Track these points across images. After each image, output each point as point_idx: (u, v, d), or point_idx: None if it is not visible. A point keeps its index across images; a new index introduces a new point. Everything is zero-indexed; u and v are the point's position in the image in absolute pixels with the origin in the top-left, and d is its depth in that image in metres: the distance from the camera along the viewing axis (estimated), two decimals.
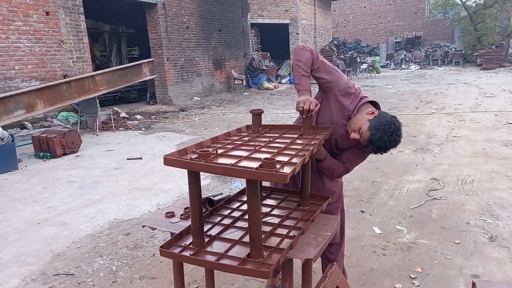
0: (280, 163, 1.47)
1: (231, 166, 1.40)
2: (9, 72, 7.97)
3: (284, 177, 1.31)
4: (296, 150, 1.66)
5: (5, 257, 3.24)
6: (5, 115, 6.68)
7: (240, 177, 1.76)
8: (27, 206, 4.35)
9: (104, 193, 4.67)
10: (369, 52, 26.75)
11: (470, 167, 5.01)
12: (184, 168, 1.56)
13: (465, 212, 3.70)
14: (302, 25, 19.25)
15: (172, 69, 12.46)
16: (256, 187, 1.43)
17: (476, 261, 2.86)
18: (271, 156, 1.50)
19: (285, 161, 1.49)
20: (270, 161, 1.37)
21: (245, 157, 1.54)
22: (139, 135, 8.21)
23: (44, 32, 8.58)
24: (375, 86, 15.31)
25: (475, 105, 9.76)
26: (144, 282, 2.80)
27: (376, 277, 2.72)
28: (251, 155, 1.57)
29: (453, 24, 25.51)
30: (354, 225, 3.53)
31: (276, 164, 1.38)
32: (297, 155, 1.58)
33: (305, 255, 1.49)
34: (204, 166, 1.44)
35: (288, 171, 1.35)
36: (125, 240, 3.46)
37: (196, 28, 13.54)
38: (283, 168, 1.42)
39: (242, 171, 1.39)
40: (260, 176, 1.36)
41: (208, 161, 1.46)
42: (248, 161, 1.50)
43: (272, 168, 1.35)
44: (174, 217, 1.91)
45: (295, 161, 1.49)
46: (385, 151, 1.95)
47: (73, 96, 7.75)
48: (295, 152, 1.62)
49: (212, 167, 1.42)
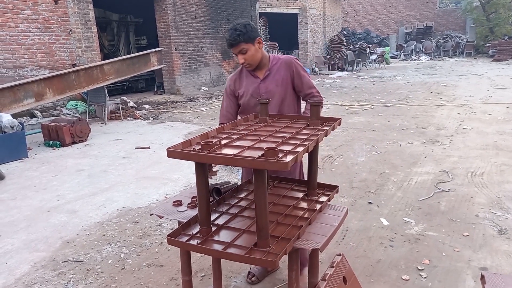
0: (283, 152, 1.47)
1: (233, 156, 1.41)
2: (19, 61, 8.02)
3: (285, 165, 1.30)
4: (301, 140, 1.65)
5: (16, 243, 3.29)
6: (15, 104, 6.75)
7: (242, 166, 1.77)
8: (37, 194, 4.41)
9: (112, 182, 4.71)
10: (379, 42, 26.41)
11: (480, 159, 4.95)
12: (188, 160, 1.57)
13: (474, 204, 3.67)
14: (311, 14, 19.03)
15: (180, 59, 12.43)
16: (264, 177, 1.42)
17: (484, 254, 2.83)
18: (275, 146, 1.49)
19: (288, 150, 1.49)
20: (272, 150, 1.36)
21: (249, 147, 1.54)
22: (147, 124, 8.24)
23: (52, 21, 8.59)
24: (384, 77, 15.15)
25: (486, 96, 9.61)
26: (152, 269, 2.83)
27: (383, 269, 2.71)
28: (255, 145, 1.57)
29: (465, 14, 25.02)
30: (362, 216, 3.52)
31: (278, 153, 1.37)
32: (302, 145, 1.57)
33: (312, 245, 1.49)
34: (206, 156, 1.45)
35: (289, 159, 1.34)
36: (133, 228, 3.49)
37: (204, 18, 13.47)
38: (286, 157, 1.42)
39: (244, 160, 1.40)
40: (261, 165, 1.35)
41: (211, 151, 1.46)
42: (252, 151, 1.51)
43: (274, 157, 1.35)
44: (182, 206, 1.92)
45: (298, 150, 1.48)
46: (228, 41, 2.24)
47: (81, 85, 7.79)
48: (300, 142, 1.61)
49: (214, 157, 1.43)
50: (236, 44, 2.20)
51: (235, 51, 2.25)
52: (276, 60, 2.37)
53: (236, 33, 2.16)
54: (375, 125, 7.16)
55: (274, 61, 2.36)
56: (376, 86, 12.71)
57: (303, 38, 18.83)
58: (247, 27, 2.18)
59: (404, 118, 7.59)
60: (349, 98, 10.57)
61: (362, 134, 6.50)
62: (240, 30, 2.16)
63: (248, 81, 2.39)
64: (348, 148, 5.74)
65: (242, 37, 2.17)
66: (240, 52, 2.23)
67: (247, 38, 2.19)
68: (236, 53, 2.26)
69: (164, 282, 2.67)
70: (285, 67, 2.34)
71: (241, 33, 2.16)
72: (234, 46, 2.21)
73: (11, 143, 5.70)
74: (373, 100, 9.93)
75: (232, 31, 2.18)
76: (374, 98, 10.25)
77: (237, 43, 2.19)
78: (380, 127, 6.98)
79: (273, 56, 2.41)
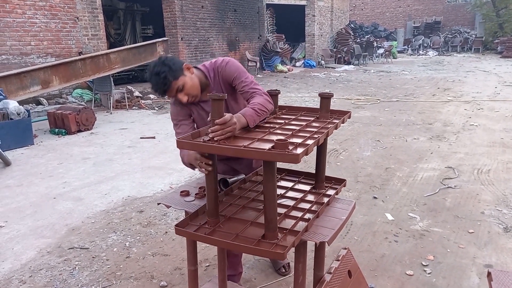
0: (293, 144, 1.46)
1: (244, 148, 1.40)
2: (25, 48, 8.02)
3: (296, 157, 1.30)
4: (311, 132, 1.64)
5: (22, 229, 3.32)
6: (21, 91, 6.77)
7: (252, 157, 1.75)
8: (43, 181, 4.43)
9: (117, 171, 4.72)
10: (386, 36, 26.16)
11: (487, 156, 4.92)
12: (197, 151, 1.57)
13: (480, 201, 3.65)
14: (318, 7, 18.84)
15: (186, 49, 12.39)
16: (273, 169, 1.42)
17: (489, 251, 2.83)
18: (285, 138, 1.49)
19: (298, 143, 1.48)
20: (282, 142, 1.36)
21: (258, 138, 1.54)
22: (152, 114, 8.24)
23: (59, 8, 8.57)
24: (391, 72, 15.04)
25: (494, 93, 9.52)
26: (157, 258, 2.84)
27: (387, 263, 2.71)
28: (265, 137, 1.57)
29: (475, 10, 24.71)
30: (366, 211, 3.52)
31: (288, 145, 1.37)
32: (312, 137, 1.57)
33: (320, 238, 1.49)
34: (216, 148, 1.44)
35: (300, 152, 1.34)
36: (138, 217, 3.51)
37: (211, 8, 13.38)
38: (296, 149, 1.41)
39: (254, 152, 1.39)
40: (272, 157, 1.35)
41: (220, 143, 1.45)
42: (261, 143, 1.50)
43: (284, 149, 1.35)
44: (189, 196, 1.92)
45: (309, 143, 1.47)
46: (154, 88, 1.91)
47: (87, 73, 7.80)
48: (310, 135, 1.60)
49: (225, 148, 1.43)
50: (169, 86, 1.86)
51: (171, 94, 1.91)
52: (211, 71, 2.03)
53: (161, 77, 1.83)
54: (381, 119, 7.12)
55: (211, 73, 2.02)
56: (383, 81, 12.62)
57: (310, 30, 18.67)
58: (166, 64, 1.86)
59: (411, 114, 7.54)
60: (355, 92, 10.51)
61: (367, 129, 6.47)
62: (163, 71, 1.83)
63: (195, 108, 2.08)
64: (353, 142, 5.72)
65: (171, 75, 1.84)
66: (177, 91, 1.89)
67: (175, 73, 1.86)
68: (174, 95, 1.91)
69: (168, 271, 2.69)
70: (220, 76, 2.03)
71: (166, 73, 1.83)
72: (169, 89, 1.87)
73: (17, 130, 5.72)
74: (380, 95, 9.87)
75: (155, 77, 1.84)
76: (380, 93, 10.18)
77: (169, 84, 1.85)
78: (386, 122, 6.95)
79: (205, 68, 2.04)
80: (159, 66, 1.85)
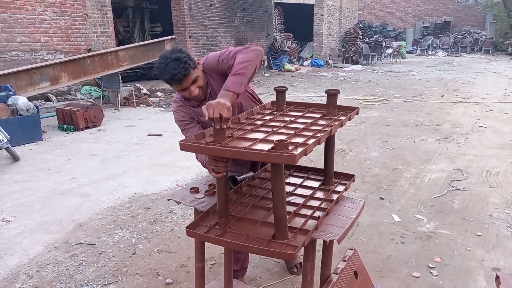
0: (293, 144, 1.46)
1: (243, 149, 1.40)
2: (35, 44, 8.09)
3: (293, 158, 1.29)
4: (315, 131, 1.63)
5: (30, 224, 3.35)
6: (31, 87, 6.83)
7: (250, 159, 1.75)
8: (51, 177, 4.47)
9: (125, 168, 4.75)
10: (395, 36, 25.97)
11: (496, 158, 4.86)
12: (199, 153, 1.55)
13: (489, 204, 3.61)
14: (327, 6, 18.76)
15: (194, 47, 12.41)
16: (281, 169, 1.42)
17: (497, 254, 2.80)
18: (287, 138, 1.48)
19: (299, 143, 1.48)
20: (282, 143, 1.35)
21: (261, 139, 1.53)
22: (160, 112, 8.27)
23: (69, 5, 8.63)
24: (399, 72, 14.94)
25: (504, 95, 9.41)
26: (163, 255, 2.85)
27: (393, 265, 2.69)
28: (267, 137, 1.56)
29: (485, 10, 24.42)
30: (373, 212, 3.50)
31: (288, 146, 1.37)
32: (314, 137, 1.56)
33: (330, 236, 1.48)
34: (216, 150, 1.44)
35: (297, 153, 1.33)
36: (145, 214, 3.53)
37: (219, 6, 13.39)
38: (296, 149, 1.40)
39: (252, 154, 1.39)
40: (269, 158, 1.35)
41: (222, 145, 1.46)
42: (263, 144, 1.50)
43: (283, 150, 1.35)
44: (199, 193, 1.92)
45: (309, 143, 1.46)
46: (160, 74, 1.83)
47: (96, 70, 7.84)
48: (313, 134, 1.59)
49: (224, 151, 1.43)
50: (189, 72, 1.79)
51: (187, 83, 1.81)
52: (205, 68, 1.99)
53: (182, 61, 1.76)
54: (388, 120, 7.08)
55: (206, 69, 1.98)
56: (391, 81, 12.54)
57: (318, 29, 18.60)
58: (183, 52, 1.81)
59: (419, 114, 7.48)
60: (363, 92, 10.45)
61: (375, 129, 6.43)
62: (184, 57, 1.77)
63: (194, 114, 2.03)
64: (360, 142, 5.69)
65: (191, 62, 1.79)
66: (193, 82, 1.83)
67: (193, 62, 1.82)
68: (187, 86, 1.83)
69: (174, 268, 2.69)
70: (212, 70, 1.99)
71: (187, 59, 1.77)
72: (188, 76, 1.79)
73: (26, 125, 5.78)
74: (388, 95, 9.81)
75: (174, 62, 1.75)
76: (388, 93, 10.12)
77: (189, 70, 1.79)
78: (394, 122, 6.90)
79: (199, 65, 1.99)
80: (177, 53, 1.79)
